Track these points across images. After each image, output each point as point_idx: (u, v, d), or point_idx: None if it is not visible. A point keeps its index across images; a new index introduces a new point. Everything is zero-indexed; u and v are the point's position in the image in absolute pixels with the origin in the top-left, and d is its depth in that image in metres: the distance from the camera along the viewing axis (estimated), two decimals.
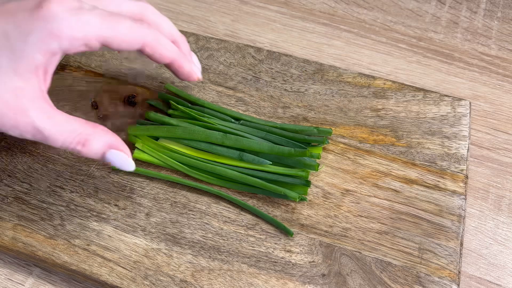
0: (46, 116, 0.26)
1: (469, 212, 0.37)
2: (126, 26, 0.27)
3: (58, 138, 0.27)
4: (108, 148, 0.28)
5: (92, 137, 0.27)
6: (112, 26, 0.27)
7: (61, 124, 0.27)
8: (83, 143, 0.27)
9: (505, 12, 0.52)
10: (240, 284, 0.30)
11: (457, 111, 0.39)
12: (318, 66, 0.42)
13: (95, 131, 0.28)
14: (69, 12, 0.26)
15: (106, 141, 0.28)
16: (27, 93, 0.26)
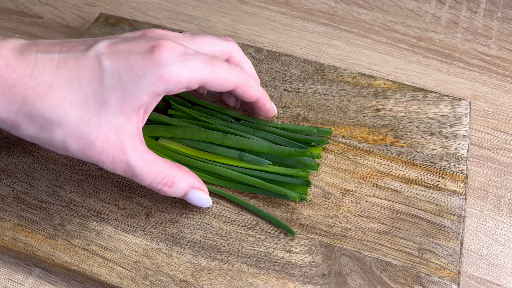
0: (140, 155, 0.29)
1: (469, 212, 0.37)
2: (223, 70, 0.30)
3: (147, 178, 0.29)
4: (191, 189, 0.31)
5: (177, 179, 0.30)
6: (212, 70, 0.29)
7: (151, 164, 0.29)
8: (170, 185, 0.30)
9: (505, 12, 0.52)
10: (240, 284, 0.30)
11: (457, 111, 0.39)
12: (318, 66, 0.42)
13: (180, 173, 0.30)
14: (177, 58, 0.28)
15: (189, 182, 0.31)
16: (127, 131, 0.28)
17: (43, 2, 0.52)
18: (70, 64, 0.28)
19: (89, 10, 0.51)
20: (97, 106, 0.28)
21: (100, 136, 0.28)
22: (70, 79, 0.27)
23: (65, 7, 0.52)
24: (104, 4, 0.52)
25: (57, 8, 0.51)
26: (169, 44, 0.28)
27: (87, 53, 0.28)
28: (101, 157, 0.28)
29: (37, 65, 0.27)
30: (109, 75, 0.28)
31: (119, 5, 0.52)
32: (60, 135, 0.28)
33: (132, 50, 0.28)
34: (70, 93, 0.27)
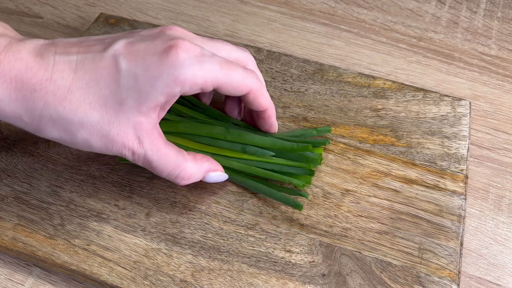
0: (156, 149, 0.29)
1: (469, 212, 0.37)
2: (238, 74, 0.30)
3: (164, 170, 0.30)
4: (207, 173, 0.32)
5: (193, 170, 0.31)
6: (227, 73, 0.29)
7: (168, 158, 0.30)
8: (187, 178, 0.31)
9: (505, 12, 0.52)
10: (240, 284, 0.30)
11: (457, 111, 0.39)
12: (318, 66, 0.42)
13: (195, 163, 0.31)
14: (193, 59, 0.28)
15: (205, 169, 0.32)
16: (145, 127, 0.29)
17: (43, 2, 0.52)
18: (88, 66, 0.28)
19: (89, 10, 0.51)
20: (116, 106, 0.28)
21: (120, 133, 0.29)
22: (88, 81, 0.28)
23: (65, 7, 0.52)
24: (104, 4, 0.52)
25: (57, 8, 0.51)
26: (186, 45, 0.28)
27: (105, 54, 0.29)
28: (123, 151, 0.29)
29: (56, 68, 0.28)
30: (125, 76, 0.28)
31: (119, 5, 0.52)
32: (83, 136, 0.29)
33: (149, 50, 0.28)
34: (89, 95, 0.28)
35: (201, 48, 0.29)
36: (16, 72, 0.27)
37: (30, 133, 0.38)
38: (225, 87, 0.30)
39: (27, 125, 0.29)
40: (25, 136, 0.38)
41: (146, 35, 0.30)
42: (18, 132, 0.38)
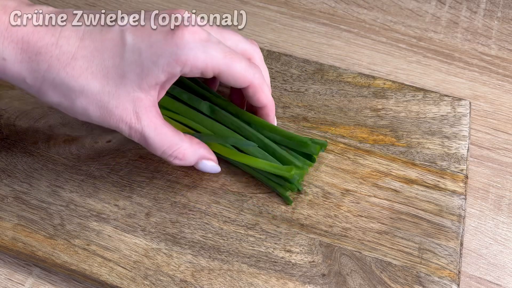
0: (154, 126, 0.30)
1: (469, 212, 0.37)
2: (241, 66, 0.30)
3: (158, 148, 0.30)
4: (200, 159, 0.32)
5: (187, 151, 0.31)
6: (230, 62, 0.29)
7: (164, 136, 0.30)
8: (180, 158, 0.31)
9: (505, 12, 0.52)
10: (240, 284, 0.30)
11: (457, 111, 0.39)
12: (318, 66, 0.42)
13: (190, 145, 0.31)
14: (198, 43, 0.28)
15: (199, 154, 0.32)
16: (144, 103, 0.29)
17: (43, 2, 0.52)
18: (95, 36, 0.29)
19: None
20: (117, 78, 0.28)
21: (119, 106, 0.29)
22: (93, 51, 0.28)
23: (65, 7, 0.52)
24: (104, 4, 0.52)
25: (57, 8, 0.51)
26: (193, 28, 0.28)
27: (112, 27, 0.29)
28: (119, 125, 0.29)
29: (63, 34, 0.28)
30: (130, 50, 0.28)
31: (119, 5, 0.52)
32: (82, 103, 0.29)
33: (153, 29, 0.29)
34: (92, 64, 0.28)
35: (208, 34, 0.29)
36: (23, 33, 0.28)
37: (30, 133, 0.38)
38: (226, 76, 0.30)
39: (30, 88, 0.29)
40: (25, 136, 0.38)
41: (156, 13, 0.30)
42: (18, 132, 0.38)
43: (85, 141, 0.37)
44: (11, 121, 0.39)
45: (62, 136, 0.37)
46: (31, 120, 0.38)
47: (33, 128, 0.38)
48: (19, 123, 0.38)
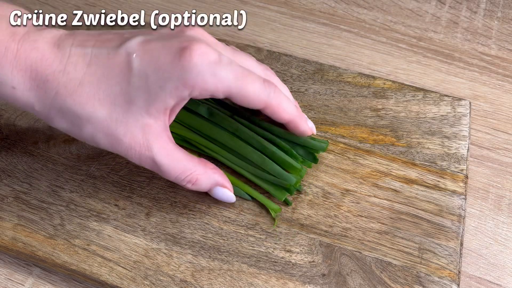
0: (166, 153, 0.29)
1: (469, 212, 0.37)
2: (255, 87, 0.29)
3: (172, 174, 0.30)
4: (215, 186, 0.32)
5: (201, 177, 0.31)
6: (242, 85, 0.28)
7: (177, 162, 0.29)
8: (193, 182, 0.31)
9: (505, 12, 0.52)
10: (240, 284, 0.30)
11: (457, 111, 0.39)
12: (318, 66, 0.42)
13: (205, 171, 0.31)
14: (207, 65, 0.27)
15: (213, 180, 0.31)
16: (154, 130, 0.28)
17: (43, 2, 0.52)
18: (101, 61, 0.28)
19: (89, 10, 0.51)
20: (124, 105, 0.28)
21: (127, 134, 0.28)
22: (99, 77, 0.28)
23: (65, 7, 0.52)
24: (104, 4, 0.52)
25: (57, 8, 0.51)
26: (202, 48, 0.27)
27: (119, 50, 0.28)
28: (129, 153, 0.29)
29: (70, 60, 0.28)
30: (136, 75, 0.28)
31: (119, 5, 0.52)
32: (90, 131, 0.28)
33: (163, 50, 0.28)
34: (99, 91, 0.28)
35: (219, 54, 0.28)
36: (31, 61, 0.28)
37: (30, 133, 0.38)
38: (238, 99, 0.29)
39: (38, 114, 0.29)
40: (25, 136, 0.38)
41: (165, 33, 0.29)
42: (18, 132, 0.38)
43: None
44: (11, 121, 0.39)
45: (62, 136, 0.37)
46: (31, 120, 0.38)
47: (33, 128, 0.38)
48: (19, 123, 0.38)
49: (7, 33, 0.28)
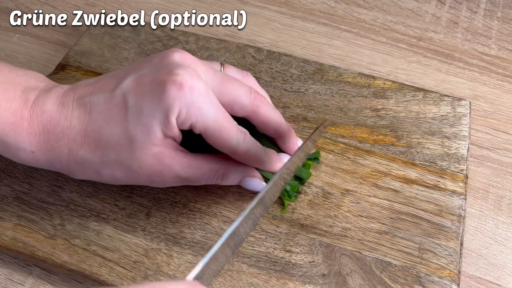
0: (187, 166, 0.30)
1: (469, 212, 0.37)
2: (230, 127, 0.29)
3: (200, 179, 0.31)
4: (243, 177, 0.32)
5: (227, 171, 0.32)
6: (217, 124, 0.29)
7: (201, 167, 0.30)
8: (222, 178, 0.32)
9: (505, 12, 0.52)
10: (240, 284, 0.30)
11: (457, 111, 0.39)
12: (318, 66, 0.42)
13: (228, 165, 0.31)
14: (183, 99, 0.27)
15: (240, 172, 0.32)
16: (167, 154, 0.29)
17: (43, 2, 0.52)
18: (100, 107, 0.29)
19: (89, 10, 0.51)
20: (128, 143, 0.29)
21: (143, 166, 0.29)
22: (101, 123, 0.29)
23: (65, 7, 0.52)
24: (104, 4, 0.52)
25: (57, 8, 0.51)
26: (183, 81, 0.27)
27: (115, 92, 0.29)
28: (153, 182, 0.30)
29: (74, 114, 0.29)
30: (131, 112, 0.28)
31: (119, 5, 0.52)
32: (108, 173, 0.30)
33: (151, 84, 0.28)
34: (103, 136, 0.29)
35: (206, 86, 0.28)
36: (43, 125, 0.29)
37: None
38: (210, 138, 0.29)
39: (62, 171, 0.31)
40: None
41: (155, 63, 0.30)
42: None
43: None
44: None
45: None
46: None
47: None
48: None
49: (21, 102, 0.30)
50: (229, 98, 0.30)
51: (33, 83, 0.31)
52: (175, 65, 0.29)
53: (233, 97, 0.30)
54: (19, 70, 0.32)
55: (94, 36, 0.44)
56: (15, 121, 0.29)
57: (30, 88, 0.31)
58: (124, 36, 0.44)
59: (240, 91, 0.31)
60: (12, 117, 0.29)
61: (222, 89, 0.30)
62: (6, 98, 0.29)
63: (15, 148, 0.30)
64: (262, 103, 0.31)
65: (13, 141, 0.29)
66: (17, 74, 0.31)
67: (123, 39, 0.44)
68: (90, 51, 0.43)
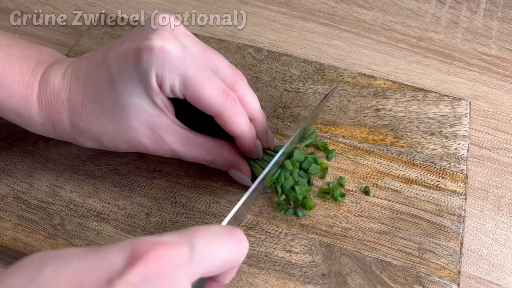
0: (180, 141, 0.31)
1: (469, 212, 0.37)
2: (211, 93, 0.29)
3: (191, 157, 0.32)
4: (230, 168, 0.33)
5: (216, 158, 0.32)
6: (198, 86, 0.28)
7: (192, 147, 0.31)
8: (210, 162, 0.32)
9: (505, 12, 0.52)
10: (240, 284, 0.30)
11: (457, 111, 0.39)
12: (318, 66, 0.42)
13: (220, 152, 0.32)
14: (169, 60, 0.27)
15: (228, 162, 0.33)
16: (161, 125, 0.30)
17: (43, 2, 0.52)
18: (92, 79, 0.30)
19: (89, 10, 0.51)
20: (121, 112, 0.29)
21: (138, 135, 0.30)
22: (94, 94, 0.30)
23: (65, 7, 0.52)
24: (104, 4, 0.52)
25: (57, 8, 0.51)
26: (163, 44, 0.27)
27: (102, 63, 0.30)
28: (149, 150, 0.31)
29: (72, 86, 0.31)
30: (116, 82, 0.29)
31: (119, 5, 0.52)
32: (109, 143, 0.31)
33: (130, 52, 0.28)
34: (97, 107, 0.30)
35: (182, 50, 0.28)
36: (47, 97, 0.31)
37: (30, 133, 0.38)
38: (192, 98, 0.29)
39: (69, 140, 0.33)
40: (25, 136, 0.38)
41: (137, 30, 0.30)
42: (18, 132, 0.38)
43: None
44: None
45: None
46: None
47: None
48: None
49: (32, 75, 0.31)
50: (212, 65, 0.30)
51: (45, 58, 0.32)
52: (151, 30, 0.29)
53: (216, 65, 0.31)
54: (34, 46, 0.33)
55: (94, 36, 0.44)
56: (27, 94, 0.31)
57: (41, 61, 0.32)
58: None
59: (222, 62, 0.31)
60: (24, 90, 0.30)
61: (204, 55, 0.30)
62: (20, 72, 0.31)
63: (28, 119, 0.31)
64: (242, 81, 0.32)
65: (26, 113, 0.31)
66: (32, 50, 0.32)
67: None
68: (90, 51, 0.43)
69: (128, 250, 0.19)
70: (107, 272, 0.18)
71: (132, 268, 0.18)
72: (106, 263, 0.18)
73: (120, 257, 0.19)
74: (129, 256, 0.19)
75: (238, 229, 0.23)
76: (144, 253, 0.19)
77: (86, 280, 0.18)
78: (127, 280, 0.18)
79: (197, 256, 0.20)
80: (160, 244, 0.19)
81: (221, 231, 0.22)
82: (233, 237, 0.22)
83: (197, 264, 0.20)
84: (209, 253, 0.21)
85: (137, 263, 0.18)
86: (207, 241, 0.21)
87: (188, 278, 0.20)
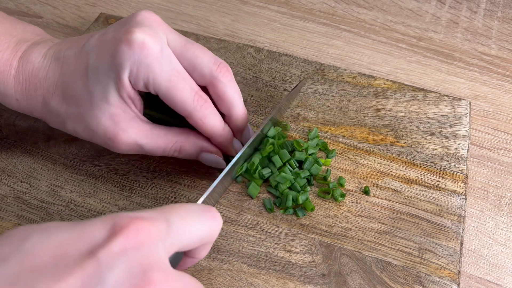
0: (144, 134, 0.30)
1: (469, 212, 0.37)
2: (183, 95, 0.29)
3: (157, 151, 0.31)
4: (200, 152, 0.32)
5: (185, 144, 0.32)
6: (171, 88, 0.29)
7: (157, 137, 0.31)
8: (179, 151, 0.32)
9: (505, 12, 0.52)
10: (240, 284, 0.30)
11: (457, 111, 0.39)
12: (318, 66, 0.42)
13: (187, 138, 0.32)
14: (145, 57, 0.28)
15: (198, 146, 0.32)
16: (124, 118, 0.30)
17: (43, 2, 0.52)
18: (70, 61, 0.31)
19: (89, 10, 0.51)
20: (88, 99, 0.30)
21: (99, 127, 0.30)
22: (68, 76, 0.30)
23: (65, 7, 0.52)
24: (104, 4, 0.52)
25: (57, 8, 0.51)
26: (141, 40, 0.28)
27: (83, 48, 0.30)
28: (108, 142, 0.31)
29: (51, 67, 0.31)
30: (91, 69, 0.29)
31: (119, 5, 0.52)
32: (71, 126, 0.31)
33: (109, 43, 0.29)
34: (69, 89, 0.30)
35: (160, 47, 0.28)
36: (26, 74, 0.31)
37: (30, 133, 0.38)
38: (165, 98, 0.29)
39: (40, 118, 0.33)
40: (25, 136, 0.38)
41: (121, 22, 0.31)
42: (18, 132, 0.38)
43: (85, 141, 0.37)
44: (11, 121, 0.39)
45: (62, 136, 0.37)
46: (31, 120, 0.38)
47: (33, 128, 0.38)
48: (19, 123, 0.38)
49: (12, 52, 0.31)
50: (189, 63, 0.30)
51: (28, 36, 0.33)
52: (134, 24, 0.29)
53: (193, 63, 0.30)
54: (19, 23, 0.33)
55: None
56: (5, 69, 0.31)
57: (24, 39, 0.32)
58: None
59: (202, 58, 0.30)
60: (2, 66, 0.31)
61: (183, 52, 0.30)
62: (0, 48, 0.31)
63: (3, 94, 0.32)
64: (223, 77, 0.31)
65: (2, 87, 0.31)
66: (16, 27, 0.33)
67: None
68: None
69: (109, 223, 0.20)
70: (90, 243, 0.19)
71: (114, 239, 0.19)
72: (89, 235, 0.20)
73: (102, 229, 0.20)
74: (110, 228, 0.20)
75: (213, 207, 0.25)
76: (124, 226, 0.20)
77: (69, 249, 0.19)
78: (109, 250, 0.19)
79: (173, 231, 0.21)
80: (140, 219, 0.20)
81: (196, 208, 0.24)
82: (207, 214, 0.24)
83: (174, 238, 0.21)
84: (184, 228, 0.22)
85: (118, 235, 0.19)
86: (183, 217, 0.22)
87: (165, 251, 0.21)
